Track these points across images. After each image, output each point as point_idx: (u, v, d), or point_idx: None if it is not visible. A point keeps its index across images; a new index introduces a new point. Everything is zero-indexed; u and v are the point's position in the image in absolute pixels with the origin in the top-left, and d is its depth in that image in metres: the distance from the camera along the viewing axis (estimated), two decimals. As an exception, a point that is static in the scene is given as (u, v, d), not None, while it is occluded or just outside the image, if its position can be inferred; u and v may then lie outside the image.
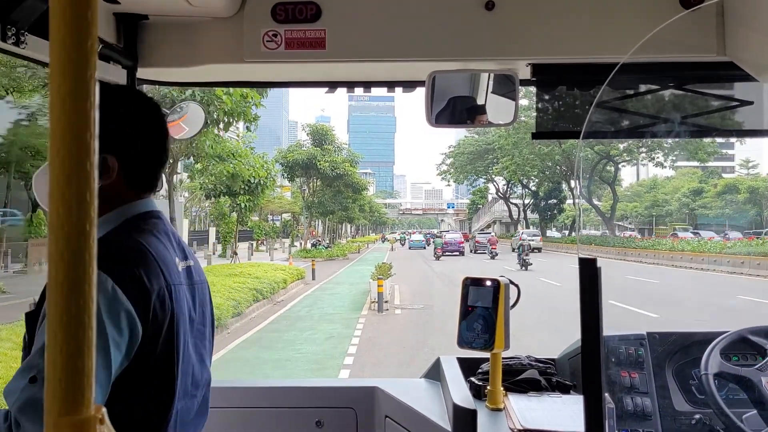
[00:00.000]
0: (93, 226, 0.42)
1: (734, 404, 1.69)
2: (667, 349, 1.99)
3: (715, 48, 1.89)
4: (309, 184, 49.42)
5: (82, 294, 0.42)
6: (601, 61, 1.98)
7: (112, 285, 1.17)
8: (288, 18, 1.94)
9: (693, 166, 72.02)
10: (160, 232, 1.38)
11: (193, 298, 1.43)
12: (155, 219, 1.40)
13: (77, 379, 0.43)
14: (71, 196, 0.42)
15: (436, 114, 2.12)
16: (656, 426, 1.86)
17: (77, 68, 0.42)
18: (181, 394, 1.34)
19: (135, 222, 1.34)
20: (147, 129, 1.41)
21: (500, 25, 1.95)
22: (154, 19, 2.01)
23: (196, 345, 1.43)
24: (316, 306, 16.83)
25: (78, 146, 0.42)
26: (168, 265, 1.32)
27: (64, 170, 0.41)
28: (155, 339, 1.25)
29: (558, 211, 64.13)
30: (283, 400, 2.22)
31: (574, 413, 1.82)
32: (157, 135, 1.43)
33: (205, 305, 1.52)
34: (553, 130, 2.21)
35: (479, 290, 1.91)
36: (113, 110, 1.31)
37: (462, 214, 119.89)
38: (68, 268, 0.42)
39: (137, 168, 1.37)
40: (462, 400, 1.73)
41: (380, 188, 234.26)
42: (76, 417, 0.43)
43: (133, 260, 1.23)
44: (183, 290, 1.36)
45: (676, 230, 54.08)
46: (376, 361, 10.20)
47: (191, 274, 1.46)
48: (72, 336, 0.43)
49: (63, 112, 0.42)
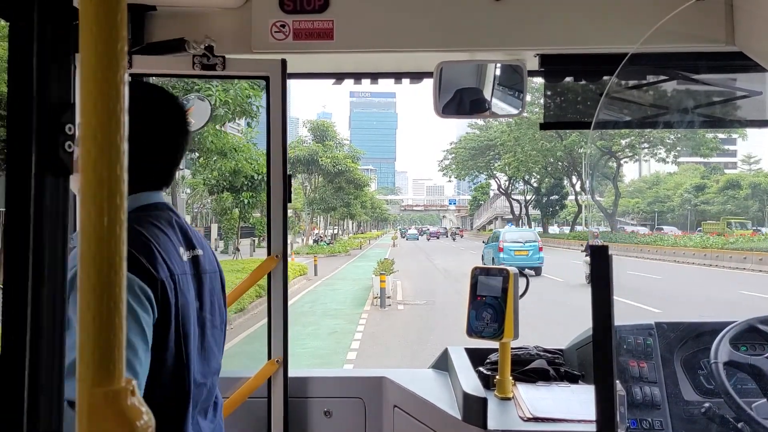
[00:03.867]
0: (123, 228, 0.43)
1: (743, 393, 1.69)
2: (675, 339, 2.00)
3: (724, 38, 1.89)
4: (311, 181, 49.41)
5: (113, 296, 0.43)
6: (610, 51, 1.98)
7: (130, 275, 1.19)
8: (296, 8, 1.94)
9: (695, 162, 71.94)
10: (163, 223, 1.38)
11: (199, 288, 1.43)
12: (159, 211, 1.40)
13: (109, 351, 0.44)
14: (102, 200, 0.42)
15: (444, 105, 2.12)
16: (665, 415, 1.86)
17: (108, 71, 0.42)
18: (193, 382, 1.35)
19: (138, 214, 1.35)
20: (164, 125, 1.41)
21: (508, 15, 1.94)
22: (162, 9, 2.01)
23: (205, 335, 1.43)
24: (318, 302, 16.84)
25: (109, 149, 0.42)
26: (170, 256, 1.32)
27: (95, 173, 0.42)
28: (164, 329, 1.26)
29: (560, 207, 64.08)
30: (291, 390, 2.23)
31: (582, 402, 1.83)
32: (173, 132, 1.43)
33: (215, 295, 1.51)
34: (561, 120, 2.20)
35: (488, 280, 1.91)
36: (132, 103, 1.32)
37: (464, 211, 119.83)
38: (99, 269, 0.42)
39: (149, 162, 1.37)
40: (472, 388, 1.74)
41: (382, 184, 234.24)
42: (109, 388, 0.44)
43: (139, 251, 1.24)
44: (187, 280, 1.36)
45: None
46: (380, 356, 10.21)
47: (198, 264, 1.45)
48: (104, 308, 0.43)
49: (94, 115, 0.42)
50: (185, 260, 1.39)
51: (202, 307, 1.43)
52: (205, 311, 1.44)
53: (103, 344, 0.43)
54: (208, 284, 1.48)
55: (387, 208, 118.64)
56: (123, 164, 0.43)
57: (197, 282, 1.43)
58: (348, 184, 49.92)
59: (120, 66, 0.42)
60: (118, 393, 0.43)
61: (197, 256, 1.46)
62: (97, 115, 0.42)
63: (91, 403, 0.43)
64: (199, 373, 1.39)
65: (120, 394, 0.43)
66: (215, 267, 1.54)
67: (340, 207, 49.71)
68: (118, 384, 0.44)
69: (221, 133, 19.81)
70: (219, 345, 1.52)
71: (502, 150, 59.17)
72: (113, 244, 0.43)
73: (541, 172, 59.78)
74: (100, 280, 0.43)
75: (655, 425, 1.85)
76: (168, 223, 1.40)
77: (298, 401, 2.22)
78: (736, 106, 2.14)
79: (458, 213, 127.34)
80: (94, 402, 0.43)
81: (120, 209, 0.43)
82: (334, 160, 46.43)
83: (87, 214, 0.42)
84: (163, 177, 1.44)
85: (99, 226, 0.42)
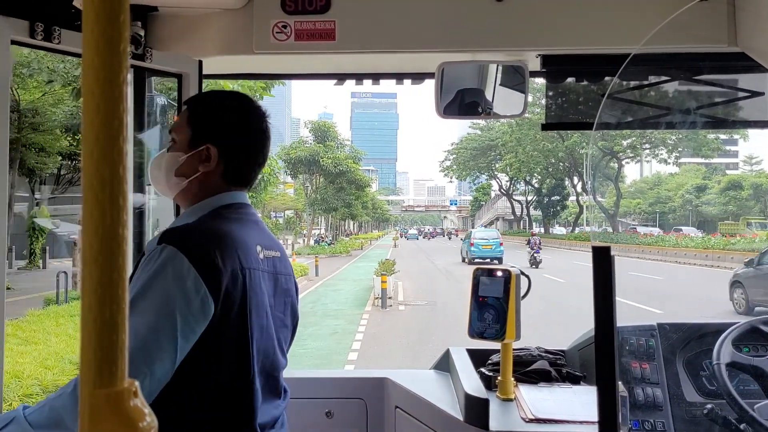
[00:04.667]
0: (126, 229, 0.43)
1: (745, 395, 1.68)
2: (677, 340, 1.99)
3: (726, 38, 1.88)
4: (312, 181, 49.45)
5: (116, 297, 0.43)
6: (611, 52, 1.98)
7: (188, 265, 1.27)
8: (298, 9, 1.94)
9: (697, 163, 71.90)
10: (247, 221, 1.49)
11: (274, 287, 1.51)
12: (243, 209, 1.51)
13: (111, 352, 0.43)
14: (105, 200, 0.42)
15: (445, 105, 2.12)
16: (667, 416, 1.85)
17: (110, 72, 0.42)
18: (259, 374, 1.41)
19: (223, 210, 1.46)
20: (250, 130, 1.54)
21: (510, 15, 1.94)
22: (164, 10, 2.01)
23: (277, 331, 1.50)
24: (319, 302, 16.85)
25: (112, 150, 0.42)
26: (247, 251, 1.40)
27: (98, 174, 0.42)
28: (228, 317, 1.32)
29: (561, 208, 64.08)
30: (293, 391, 2.23)
31: (585, 403, 1.82)
32: (258, 137, 1.55)
33: (288, 296, 1.59)
34: (563, 121, 2.20)
35: (490, 281, 1.91)
36: (224, 109, 1.50)
37: (465, 211, 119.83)
38: (102, 271, 0.42)
39: (236, 162, 1.50)
40: (474, 389, 1.73)
41: (383, 185, 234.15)
42: (111, 389, 0.43)
43: (209, 242, 1.33)
44: (261, 276, 1.43)
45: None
46: (381, 356, 10.21)
47: (276, 265, 1.53)
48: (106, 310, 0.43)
49: (96, 116, 0.42)
50: (261, 258, 1.46)
51: (275, 305, 1.52)
52: (278, 310, 1.53)
53: (105, 345, 0.43)
54: (283, 285, 1.56)
55: (388, 208, 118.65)
56: (125, 165, 0.43)
57: (273, 281, 1.51)
58: (349, 184, 49.93)
59: (123, 66, 0.42)
60: (121, 394, 0.43)
61: (274, 258, 1.54)
62: (100, 116, 0.42)
63: (93, 405, 0.43)
64: (269, 365, 1.47)
65: (122, 395, 0.43)
66: (290, 270, 1.62)
67: (341, 207, 49.72)
68: (120, 385, 0.44)
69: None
70: (287, 343, 1.61)
71: (503, 150, 59.20)
72: (116, 244, 0.43)
73: (542, 172, 59.81)
74: (102, 281, 0.43)
75: (657, 426, 1.84)
76: (249, 222, 1.50)
77: (300, 402, 2.22)
78: (738, 107, 2.14)
79: (459, 214, 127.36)
80: (96, 403, 0.43)
81: (123, 210, 0.43)
82: (336, 161, 46.46)
83: (89, 214, 0.42)
84: (248, 178, 1.55)
85: (101, 227, 0.42)
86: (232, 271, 1.33)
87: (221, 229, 1.38)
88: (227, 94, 1.60)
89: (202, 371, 1.32)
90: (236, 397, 1.38)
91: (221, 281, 1.30)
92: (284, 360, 1.58)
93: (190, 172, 1.47)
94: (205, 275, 1.28)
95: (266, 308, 1.45)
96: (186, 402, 1.31)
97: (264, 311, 1.44)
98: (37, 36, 1.66)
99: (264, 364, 1.44)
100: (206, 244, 1.32)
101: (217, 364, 1.35)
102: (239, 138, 1.51)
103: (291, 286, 1.62)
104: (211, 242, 1.33)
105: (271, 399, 1.50)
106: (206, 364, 1.32)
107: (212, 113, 1.51)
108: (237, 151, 1.50)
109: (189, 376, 1.28)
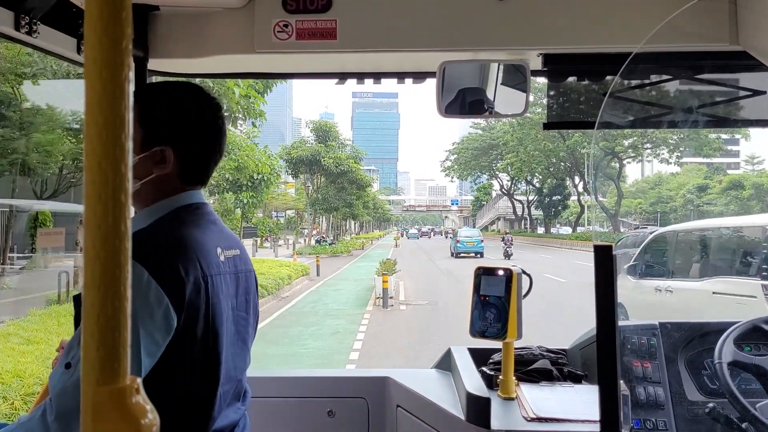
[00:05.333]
0: (128, 227, 0.43)
1: (747, 394, 1.68)
2: (679, 339, 1.99)
3: (727, 37, 1.88)
4: (313, 181, 49.44)
5: (118, 294, 0.43)
6: (613, 50, 1.98)
7: (147, 277, 1.21)
8: (299, 8, 1.94)
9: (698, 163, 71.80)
10: (205, 222, 1.43)
11: (236, 287, 1.47)
12: (200, 210, 1.45)
13: (114, 349, 0.44)
14: (107, 198, 0.42)
15: (447, 104, 2.12)
16: (669, 415, 1.85)
17: (113, 70, 0.42)
18: (224, 379, 1.39)
19: (180, 213, 1.40)
20: (206, 126, 1.46)
21: (511, 14, 1.94)
22: (165, 9, 2.01)
23: (239, 332, 1.48)
24: (321, 302, 16.85)
25: (114, 148, 0.42)
26: (207, 256, 1.35)
27: (100, 172, 0.42)
28: (192, 327, 1.28)
29: (562, 208, 64.01)
30: (294, 390, 2.23)
31: (586, 402, 1.82)
32: (214, 133, 1.48)
33: (249, 293, 1.55)
34: (564, 120, 2.20)
35: (492, 279, 1.91)
36: (177, 105, 1.41)
37: (466, 211, 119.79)
38: (104, 268, 0.43)
39: (192, 162, 1.43)
40: (475, 388, 1.74)
41: (384, 185, 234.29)
42: (113, 386, 0.43)
43: (169, 251, 1.28)
44: (223, 279, 1.39)
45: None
46: (383, 356, 10.21)
47: (236, 264, 1.49)
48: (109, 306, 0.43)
49: (99, 114, 0.42)
50: (222, 260, 1.42)
51: (238, 305, 1.48)
52: (240, 309, 1.49)
53: (108, 342, 0.43)
54: (244, 283, 1.53)
55: (389, 208, 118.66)
56: (127, 162, 0.43)
57: (235, 281, 1.47)
58: (350, 184, 49.90)
59: (125, 64, 0.43)
60: (123, 391, 0.43)
61: (234, 256, 1.50)
62: (102, 113, 0.42)
63: (95, 402, 0.43)
64: (233, 369, 1.44)
65: (125, 392, 0.44)
66: (249, 267, 1.58)
67: (342, 207, 49.73)
68: (123, 382, 0.44)
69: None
70: (251, 341, 1.58)
71: (504, 150, 59.15)
72: (118, 241, 0.43)
73: (543, 172, 59.75)
74: (104, 278, 0.43)
75: (659, 425, 1.84)
76: (208, 223, 1.44)
77: (301, 401, 2.22)
78: (740, 106, 2.14)
79: (460, 213, 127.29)
80: (98, 400, 0.43)
81: (125, 207, 0.43)
82: (337, 161, 46.43)
83: (92, 212, 0.42)
84: (202, 176, 1.48)
85: (104, 224, 0.42)
86: (195, 281, 1.28)
87: (181, 236, 1.32)
88: (179, 87, 1.51)
89: (167, 382, 1.27)
90: (197, 405, 1.34)
91: (184, 292, 1.25)
92: (248, 360, 1.56)
93: (143, 173, 1.36)
94: (167, 287, 1.22)
95: (229, 312, 1.42)
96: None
97: (227, 317, 1.40)
98: (22, 29, 1.59)
99: (229, 371, 1.41)
100: (166, 253, 1.27)
101: (182, 374, 1.31)
102: (195, 137, 1.43)
103: (251, 282, 1.58)
104: (171, 251, 1.28)
105: (231, 403, 1.47)
106: (171, 375, 1.28)
107: (165, 111, 1.41)
108: (193, 151, 1.43)
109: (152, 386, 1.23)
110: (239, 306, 1.49)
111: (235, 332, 1.46)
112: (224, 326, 1.38)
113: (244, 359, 1.52)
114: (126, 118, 0.43)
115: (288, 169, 46.73)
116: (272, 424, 2.20)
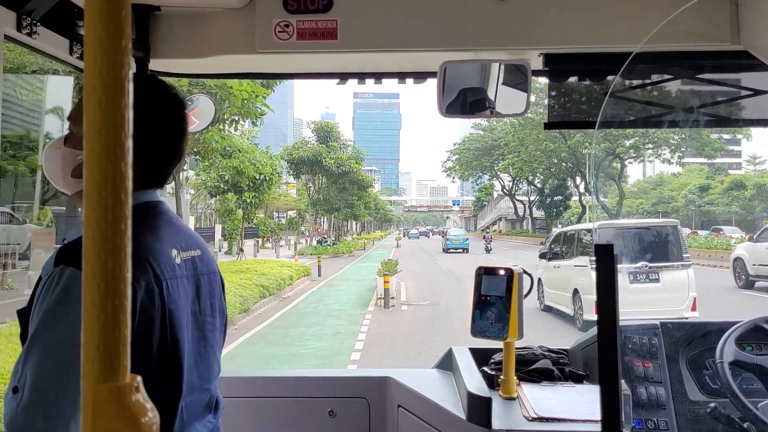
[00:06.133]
0: (128, 225, 0.44)
1: (748, 393, 1.68)
2: (680, 339, 1.99)
3: (729, 37, 1.88)
4: (314, 181, 49.46)
5: (118, 292, 0.43)
6: (614, 50, 1.98)
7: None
8: (300, 8, 1.94)
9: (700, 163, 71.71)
10: (161, 222, 1.33)
11: (197, 290, 1.38)
12: (153, 211, 1.34)
13: (114, 347, 0.44)
14: (107, 196, 0.42)
15: (448, 104, 2.12)
16: (670, 415, 1.85)
17: (113, 68, 0.42)
18: (187, 390, 1.30)
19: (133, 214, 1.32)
20: (165, 124, 1.35)
21: (512, 14, 1.94)
22: (166, 10, 2.01)
23: (205, 338, 1.39)
24: (322, 302, 16.85)
25: (114, 146, 0.42)
26: (160, 259, 1.27)
27: (100, 170, 0.42)
28: (147, 336, 1.21)
29: (564, 208, 63.96)
30: (296, 390, 2.23)
31: (587, 402, 1.82)
32: (173, 130, 1.37)
33: (214, 296, 1.46)
34: (566, 120, 2.20)
35: (493, 279, 1.91)
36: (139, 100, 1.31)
37: (467, 212, 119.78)
38: (104, 266, 0.43)
39: (146, 161, 1.29)
40: (476, 388, 1.74)
41: (385, 185, 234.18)
42: (114, 384, 0.43)
43: None
44: (179, 283, 1.31)
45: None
46: (384, 357, 10.21)
47: (196, 265, 1.40)
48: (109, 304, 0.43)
49: (99, 112, 0.42)
50: (178, 263, 1.33)
51: (201, 309, 1.39)
52: (204, 314, 1.40)
53: (108, 340, 0.43)
54: (207, 286, 1.43)
55: (390, 209, 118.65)
56: (127, 161, 0.43)
57: (195, 284, 1.38)
58: (352, 185, 49.93)
59: (124, 63, 0.43)
60: (123, 389, 0.44)
61: (194, 257, 1.40)
62: (102, 112, 0.42)
63: (95, 400, 0.43)
64: (197, 377, 1.35)
65: (125, 390, 0.44)
66: (214, 268, 1.49)
67: (343, 208, 49.74)
68: (122, 380, 0.44)
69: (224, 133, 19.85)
70: (219, 347, 1.49)
71: (506, 150, 59.11)
72: (118, 240, 0.43)
73: (545, 172, 59.69)
74: (104, 276, 0.43)
75: (661, 425, 1.84)
76: (163, 223, 1.34)
77: (302, 401, 2.22)
78: (741, 106, 2.13)
79: (462, 214, 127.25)
80: (98, 398, 0.43)
81: (125, 205, 0.43)
82: (338, 161, 46.44)
83: (92, 210, 0.42)
84: (159, 177, 1.37)
85: (103, 223, 0.42)
86: (147, 286, 1.20)
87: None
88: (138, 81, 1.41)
89: None
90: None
91: (135, 298, 1.17)
92: (217, 368, 1.46)
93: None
94: None
95: (190, 318, 1.33)
96: None
97: (187, 322, 1.31)
98: (23, 30, 1.57)
99: (192, 380, 1.32)
100: None
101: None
102: (153, 135, 1.28)
103: (216, 284, 1.48)
104: None
105: (201, 415, 1.38)
106: None
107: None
108: (151, 150, 1.29)
109: None
110: (203, 310, 1.40)
111: (201, 338, 1.38)
112: (184, 332, 1.29)
113: (212, 367, 1.42)
114: (126, 116, 0.43)
115: (289, 169, 46.76)
116: (273, 424, 2.20)
